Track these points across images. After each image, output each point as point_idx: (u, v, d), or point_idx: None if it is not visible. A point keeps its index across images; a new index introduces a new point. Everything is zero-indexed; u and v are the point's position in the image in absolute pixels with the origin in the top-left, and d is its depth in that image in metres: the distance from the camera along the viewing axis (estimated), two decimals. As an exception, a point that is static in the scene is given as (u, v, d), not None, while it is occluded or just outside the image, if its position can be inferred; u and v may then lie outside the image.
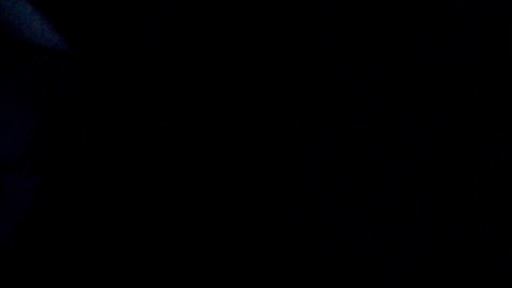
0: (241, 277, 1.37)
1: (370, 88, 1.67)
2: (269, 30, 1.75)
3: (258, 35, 1.76)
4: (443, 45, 1.63)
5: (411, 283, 1.34)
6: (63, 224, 1.28)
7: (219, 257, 1.42)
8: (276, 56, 1.75)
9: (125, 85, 1.68)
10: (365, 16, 1.67)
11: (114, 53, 1.49)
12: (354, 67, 1.70)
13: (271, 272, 1.38)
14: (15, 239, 1.16)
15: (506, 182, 1.50)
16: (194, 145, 1.73)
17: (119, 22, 1.59)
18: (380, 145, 1.62)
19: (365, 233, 1.45)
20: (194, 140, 1.74)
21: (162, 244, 1.45)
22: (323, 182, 1.58)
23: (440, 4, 1.58)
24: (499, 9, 1.56)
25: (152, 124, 1.76)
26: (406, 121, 1.63)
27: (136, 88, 1.76)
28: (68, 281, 1.37)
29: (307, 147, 1.66)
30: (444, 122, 1.61)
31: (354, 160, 1.61)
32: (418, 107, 1.64)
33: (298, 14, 1.70)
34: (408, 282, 1.34)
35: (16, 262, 1.24)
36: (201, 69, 1.75)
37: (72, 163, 1.31)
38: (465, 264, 1.36)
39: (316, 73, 1.71)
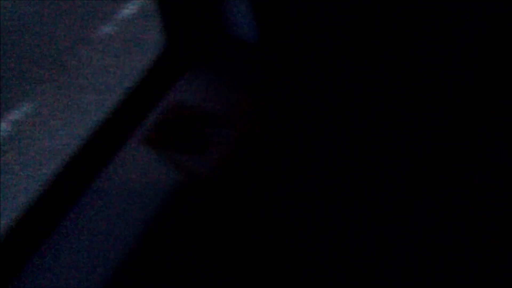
0: (241, 277, 1.37)
1: (370, 88, 1.67)
2: (268, 30, 1.75)
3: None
4: (443, 45, 1.63)
5: (411, 283, 1.34)
6: None
7: (219, 257, 1.42)
8: (276, 55, 1.75)
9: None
10: (365, 16, 1.66)
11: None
12: (354, 67, 1.70)
13: (271, 272, 1.38)
14: None
15: (506, 182, 1.50)
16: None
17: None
18: (380, 145, 1.62)
19: (365, 233, 1.45)
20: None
21: (163, 244, 1.45)
22: (323, 182, 1.58)
23: (440, 4, 1.58)
24: (499, 9, 1.56)
25: None
26: (406, 121, 1.63)
27: None
28: (69, 279, 1.37)
29: (307, 147, 1.65)
30: (444, 122, 1.61)
31: (354, 160, 1.61)
32: (418, 107, 1.64)
33: (298, 14, 1.70)
34: (408, 282, 1.34)
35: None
36: (200, 68, 1.75)
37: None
38: (465, 264, 1.36)
39: (316, 73, 1.72)
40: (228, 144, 1.52)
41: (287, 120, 1.69)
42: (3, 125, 2.99)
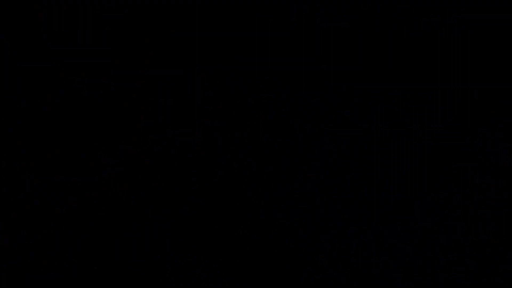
0: (241, 277, 1.37)
1: (370, 88, 1.67)
2: (268, 30, 1.75)
3: (258, 35, 1.76)
4: (443, 45, 1.62)
5: (411, 283, 1.34)
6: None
7: (219, 257, 1.42)
8: (276, 55, 1.75)
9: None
10: (365, 16, 1.66)
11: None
12: (354, 67, 1.69)
13: (271, 272, 1.38)
14: None
15: (506, 182, 1.50)
16: (194, 145, 1.73)
17: None
18: (380, 145, 1.62)
19: (365, 233, 1.45)
20: (194, 140, 1.74)
21: (163, 244, 1.45)
22: (323, 182, 1.58)
23: (440, 4, 1.58)
24: (498, 8, 1.56)
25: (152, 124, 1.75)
26: (406, 121, 1.63)
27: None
28: (70, 280, 1.37)
29: (307, 147, 1.65)
30: (444, 122, 1.61)
31: (354, 160, 1.61)
32: (418, 107, 1.64)
33: (298, 13, 1.70)
34: (408, 282, 1.34)
35: None
36: (200, 68, 1.75)
37: None
38: (465, 264, 1.36)
39: (316, 74, 1.71)
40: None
41: (287, 120, 1.68)
42: None
